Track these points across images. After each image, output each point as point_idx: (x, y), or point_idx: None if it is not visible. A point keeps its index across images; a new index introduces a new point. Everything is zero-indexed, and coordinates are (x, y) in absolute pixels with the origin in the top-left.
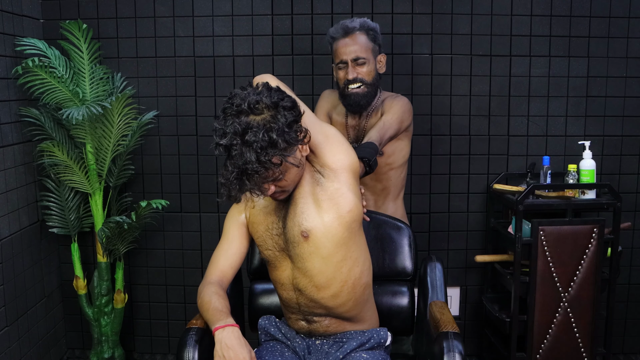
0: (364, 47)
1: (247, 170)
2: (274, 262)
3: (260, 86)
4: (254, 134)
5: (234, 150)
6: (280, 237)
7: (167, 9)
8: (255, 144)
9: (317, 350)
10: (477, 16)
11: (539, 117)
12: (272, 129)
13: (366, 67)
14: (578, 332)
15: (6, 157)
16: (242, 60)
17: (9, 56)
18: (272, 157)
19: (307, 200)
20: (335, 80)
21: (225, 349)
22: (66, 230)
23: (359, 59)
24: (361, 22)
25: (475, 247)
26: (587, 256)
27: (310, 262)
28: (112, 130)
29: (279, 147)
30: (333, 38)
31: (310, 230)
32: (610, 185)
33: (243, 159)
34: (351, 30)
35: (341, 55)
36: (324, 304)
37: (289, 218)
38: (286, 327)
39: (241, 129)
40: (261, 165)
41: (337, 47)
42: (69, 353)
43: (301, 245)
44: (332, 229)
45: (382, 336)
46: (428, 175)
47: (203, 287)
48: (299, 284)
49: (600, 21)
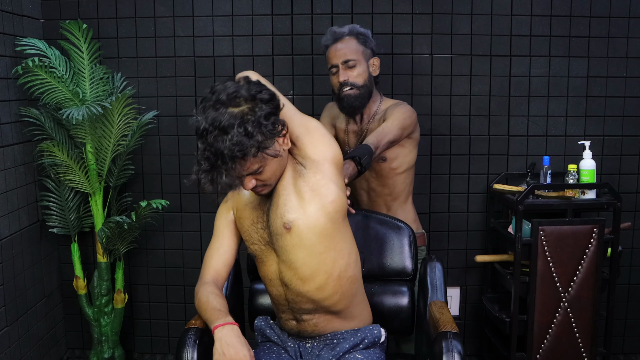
0: (353, 49)
1: (220, 161)
2: (261, 257)
3: (241, 80)
4: (230, 125)
5: (210, 140)
6: (265, 231)
7: (167, 9)
8: (231, 135)
9: (308, 354)
10: (477, 16)
11: (539, 117)
12: (249, 121)
13: (357, 69)
14: (578, 332)
15: (6, 157)
16: (242, 60)
17: (9, 56)
18: (248, 148)
19: (289, 192)
20: (332, 88)
21: (225, 347)
22: (66, 230)
23: (348, 60)
24: (350, 28)
25: (475, 247)
26: (587, 256)
27: (293, 254)
28: (112, 130)
29: (255, 139)
30: (325, 46)
31: (293, 221)
32: (610, 185)
33: (218, 149)
34: (340, 36)
35: (332, 60)
36: (310, 297)
37: (272, 211)
38: (279, 330)
39: (218, 120)
40: (235, 158)
41: (328, 53)
42: (69, 353)
43: (284, 237)
44: (314, 220)
45: (375, 334)
46: (428, 175)
47: (199, 288)
48: (284, 278)
49: (600, 21)
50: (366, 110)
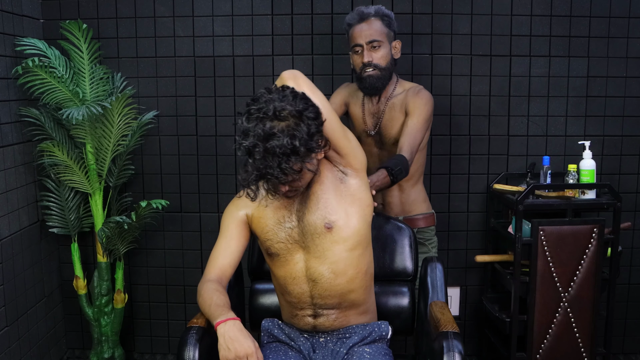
0: (378, 31)
1: (267, 175)
2: (285, 256)
3: (286, 90)
4: (277, 139)
5: (257, 154)
6: (294, 230)
7: (167, 9)
8: (277, 150)
9: (322, 347)
10: (477, 16)
11: (539, 117)
12: (295, 137)
13: (381, 50)
14: (578, 332)
15: (6, 157)
16: (242, 60)
17: (9, 56)
18: (294, 164)
19: (330, 196)
20: (352, 67)
21: (230, 341)
22: (66, 230)
23: (374, 41)
24: (376, 9)
25: (475, 247)
26: (587, 256)
27: (331, 250)
28: (112, 130)
29: (300, 155)
30: (349, 25)
31: (335, 222)
32: (610, 185)
33: (265, 163)
34: (366, 16)
35: (357, 39)
36: (339, 290)
37: (308, 212)
38: (289, 328)
39: (264, 134)
40: (282, 172)
41: (352, 32)
42: (69, 353)
43: (323, 235)
44: (354, 221)
45: (383, 329)
46: (428, 175)
47: (202, 285)
48: (314, 274)
49: (600, 21)
50: (384, 92)
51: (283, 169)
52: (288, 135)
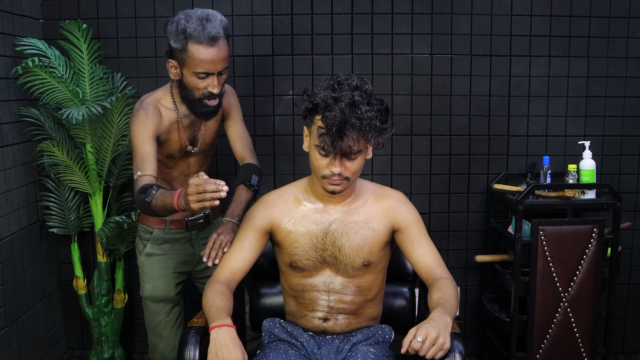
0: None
1: (350, 121)
2: (310, 271)
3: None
4: (369, 95)
5: (344, 103)
6: (326, 252)
7: (167, 9)
8: (366, 107)
9: (328, 344)
10: (477, 16)
11: (538, 117)
12: (378, 109)
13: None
14: (578, 332)
15: (6, 157)
16: (242, 60)
17: (9, 56)
18: (372, 128)
19: (368, 233)
20: (185, 84)
21: (219, 347)
22: (66, 230)
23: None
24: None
25: (475, 247)
26: (587, 256)
27: (362, 276)
28: (112, 130)
29: (376, 126)
30: (195, 40)
31: (373, 261)
32: (610, 185)
33: (357, 110)
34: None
35: (207, 65)
36: (360, 302)
37: (344, 246)
38: (292, 326)
39: (355, 86)
40: (364, 122)
41: (199, 54)
42: (69, 353)
43: (361, 269)
44: (386, 253)
45: (386, 332)
46: (428, 175)
47: (210, 284)
48: (337, 287)
49: (600, 21)
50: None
51: (369, 117)
52: (376, 100)
